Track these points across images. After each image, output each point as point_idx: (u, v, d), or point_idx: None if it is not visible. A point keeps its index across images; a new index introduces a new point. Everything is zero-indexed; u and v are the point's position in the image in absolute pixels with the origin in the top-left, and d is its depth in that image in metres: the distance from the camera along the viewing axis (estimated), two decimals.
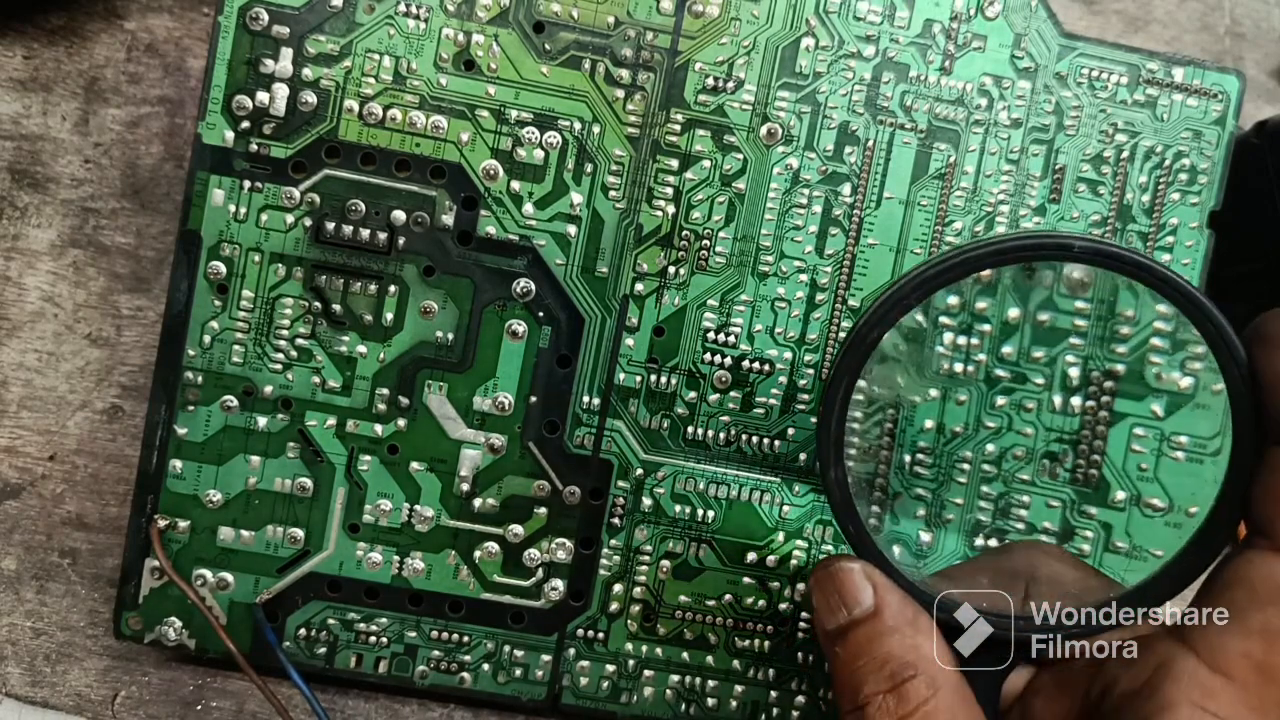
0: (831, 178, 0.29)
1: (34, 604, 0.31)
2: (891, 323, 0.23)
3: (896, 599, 0.23)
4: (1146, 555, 0.29)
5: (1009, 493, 0.29)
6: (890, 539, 0.29)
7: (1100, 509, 0.29)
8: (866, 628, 0.23)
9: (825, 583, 0.23)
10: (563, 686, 0.30)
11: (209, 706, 0.31)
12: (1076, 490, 0.29)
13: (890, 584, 0.23)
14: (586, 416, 0.29)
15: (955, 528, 0.29)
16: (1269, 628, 0.20)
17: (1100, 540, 0.29)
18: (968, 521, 0.29)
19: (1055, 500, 0.29)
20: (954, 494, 0.29)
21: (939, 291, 0.23)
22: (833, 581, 0.23)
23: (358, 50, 0.28)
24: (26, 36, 0.31)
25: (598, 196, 0.29)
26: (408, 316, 0.29)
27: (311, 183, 0.28)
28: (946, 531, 0.29)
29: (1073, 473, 0.29)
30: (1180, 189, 0.29)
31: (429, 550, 0.29)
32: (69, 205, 0.31)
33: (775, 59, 0.28)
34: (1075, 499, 0.29)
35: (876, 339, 0.23)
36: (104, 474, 0.31)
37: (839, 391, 0.23)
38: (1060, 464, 0.29)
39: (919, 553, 0.29)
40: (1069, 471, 0.29)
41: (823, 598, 0.23)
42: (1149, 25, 0.34)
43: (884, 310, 0.23)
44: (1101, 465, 0.29)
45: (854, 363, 0.23)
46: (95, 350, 0.31)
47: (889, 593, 0.23)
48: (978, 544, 0.29)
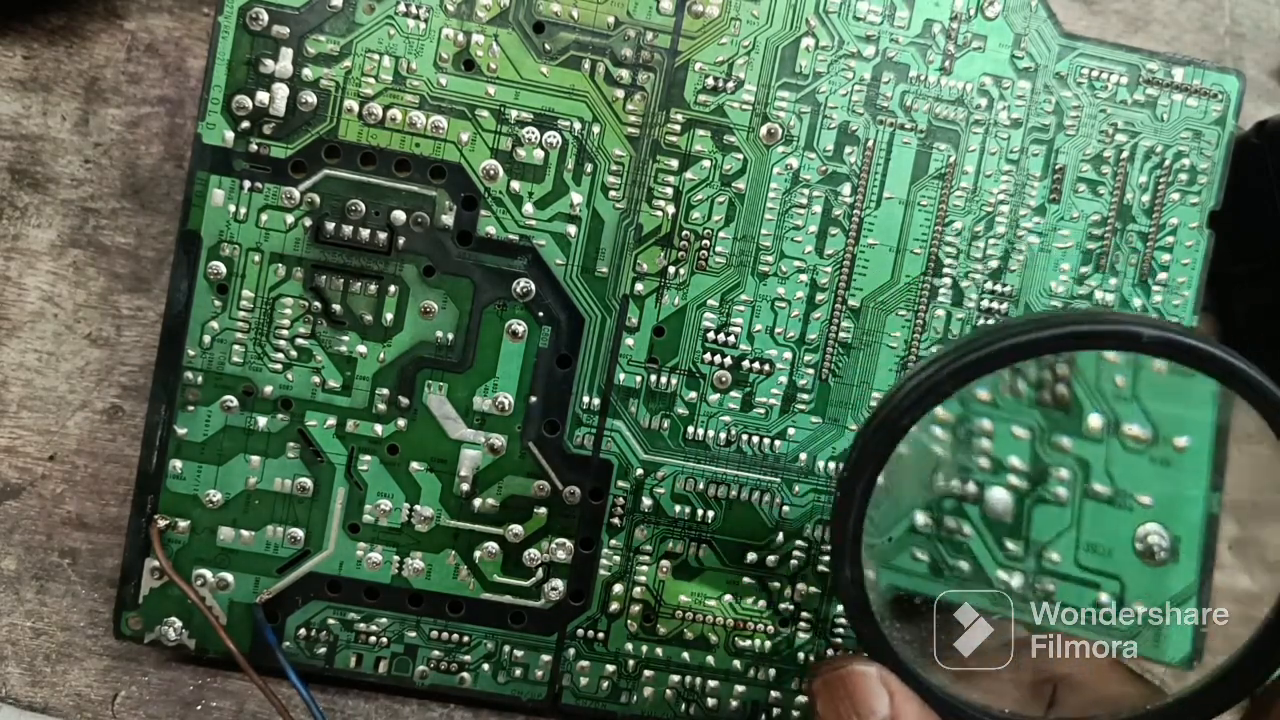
0: (831, 178, 0.29)
1: (34, 604, 0.31)
2: (925, 409, 0.20)
3: (914, 709, 0.21)
4: (1133, 504, 0.26)
5: (968, 416, 0.26)
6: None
7: (1075, 440, 0.26)
8: None
9: (835, 688, 0.21)
10: (563, 686, 0.30)
11: (209, 706, 0.31)
12: (1044, 414, 0.26)
13: (909, 692, 0.21)
14: (586, 416, 0.29)
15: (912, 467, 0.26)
16: None
17: (1078, 482, 0.26)
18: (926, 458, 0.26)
19: (1022, 428, 0.26)
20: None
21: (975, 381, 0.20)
22: (844, 687, 0.21)
23: (358, 50, 0.28)
24: (26, 36, 0.31)
25: (598, 196, 0.29)
26: (408, 316, 0.29)
27: (311, 183, 0.28)
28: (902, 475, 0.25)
29: (1038, 390, 0.26)
30: (1180, 189, 0.29)
31: (429, 550, 0.29)
32: (69, 205, 0.31)
33: (775, 59, 0.29)
34: (1044, 426, 0.26)
35: (907, 426, 0.20)
36: (104, 474, 0.31)
37: (858, 485, 0.21)
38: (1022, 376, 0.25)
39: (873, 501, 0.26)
40: (1034, 388, 0.26)
41: (830, 704, 0.21)
42: (1149, 25, 0.34)
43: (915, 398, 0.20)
44: (1071, 379, 0.26)
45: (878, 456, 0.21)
46: (95, 350, 0.31)
47: (908, 702, 0.21)
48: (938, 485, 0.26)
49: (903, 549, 0.25)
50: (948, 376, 0.20)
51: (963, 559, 0.26)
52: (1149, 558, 0.24)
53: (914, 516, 0.26)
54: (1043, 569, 0.25)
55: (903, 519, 0.26)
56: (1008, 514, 0.26)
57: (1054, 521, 0.26)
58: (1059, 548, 0.26)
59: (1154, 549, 0.25)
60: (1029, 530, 0.26)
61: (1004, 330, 0.20)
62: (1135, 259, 0.29)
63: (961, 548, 0.26)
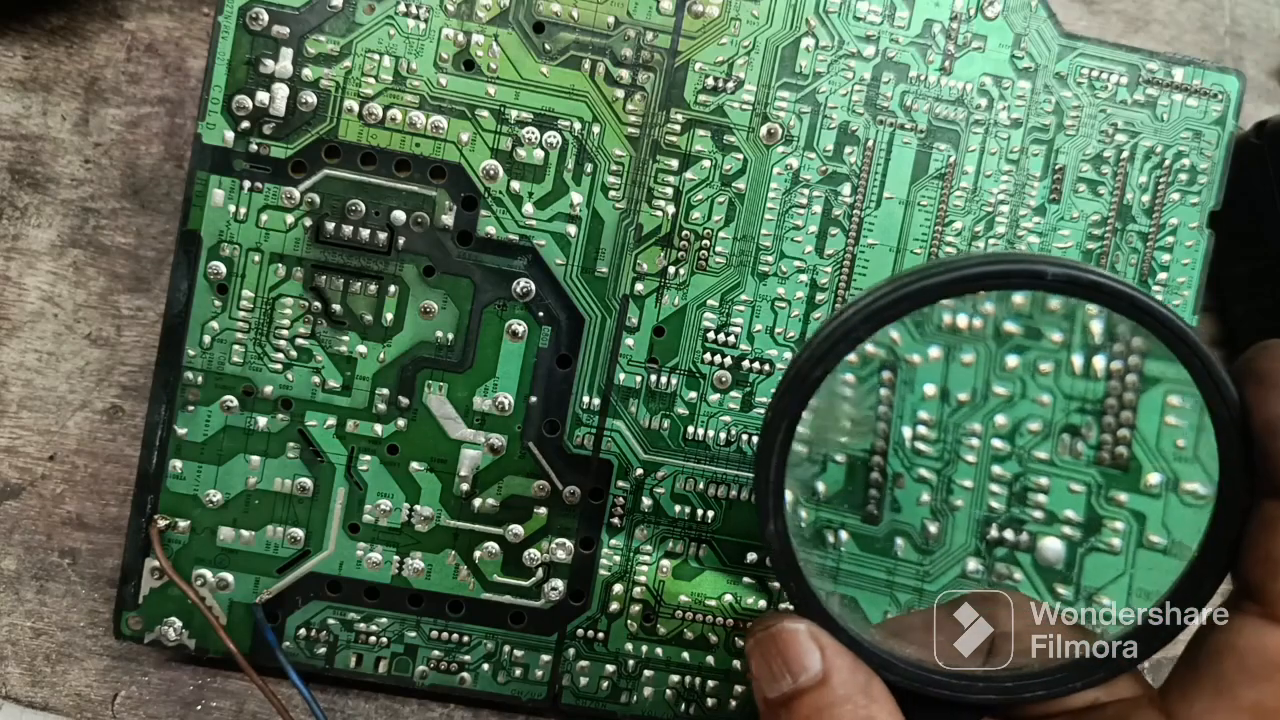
0: (831, 178, 0.29)
1: (34, 604, 0.31)
2: (838, 358, 0.20)
3: (847, 664, 0.20)
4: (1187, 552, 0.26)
5: (1025, 475, 0.26)
6: (891, 530, 0.27)
7: (1131, 494, 0.26)
8: (814, 696, 0.20)
9: (766, 645, 0.21)
10: (563, 686, 0.30)
11: (209, 706, 0.31)
12: (1103, 472, 0.26)
13: (840, 647, 0.21)
14: (586, 416, 0.29)
15: (965, 516, 0.26)
16: (1261, 705, 0.19)
17: (1133, 533, 0.26)
18: (979, 509, 0.26)
19: (1078, 484, 0.26)
20: (962, 475, 0.26)
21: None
22: (775, 645, 0.21)
23: (358, 50, 0.28)
24: (26, 36, 0.31)
25: (598, 196, 0.29)
26: (408, 316, 0.29)
27: (311, 183, 0.28)
28: (954, 522, 0.26)
29: (1098, 450, 0.26)
30: (1180, 189, 0.29)
31: (429, 550, 0.29)
32: (69, 205, 0.31)
33: (775, 59, 0.29)
34: (1102, 483, 0.26)
35: (820, 378, 0.20)
36: (104, 474, 0.31)
37: (777, 435, 0.20)
38: (1083, 439, 0.26)
39: (924, 546, 0.27)
40: (1093, 449, 0.26)
41: (763, 663, 0.21)
42: (1149, 25, 0.34)
43: (828, 345, 0.20)
44: (1131, 441, 0.26)
45: (794, 404, 0.20)
46: (95, 350, 0.31)
47: (839, 657, 0.20)
48: (991, 535, 0.26)
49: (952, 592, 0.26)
50: (859, 322, 0.20)
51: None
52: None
53: (965, 563, 0.26)
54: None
55: (954, 565, 0.26)
56: (1059, 562, 0.26)
57: (1107, 569, 0.26)
58: (1111, 593, 0.26)
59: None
60: (1080, 577, 0.26)
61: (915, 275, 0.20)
62: (1135, 259, 0.29)
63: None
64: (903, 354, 0.26)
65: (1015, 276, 0.20)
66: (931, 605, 0.24)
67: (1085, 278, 0.19)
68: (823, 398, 0.20)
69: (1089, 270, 0.19)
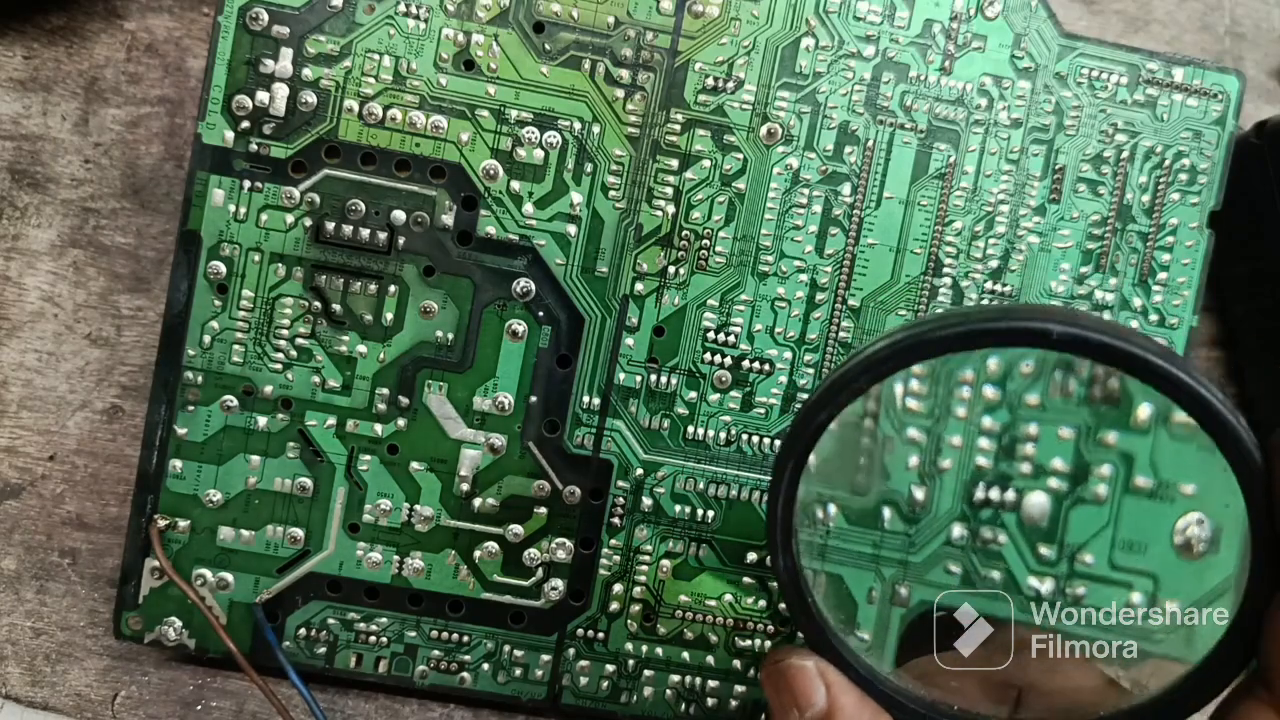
0: (831, 178, 0.29)
1: (34, 604, 0.31)
2: (839, 406, 0.21)
3: (853, 700, 0.21)
4: (1175, 495, 0.25)
5: (1014, 424, 0.25)
6: (880, 500, 0.26)
7: (1120, 433, 0.25)
8: None
9: (775, 680, 0.21)
10: (563, 686, 0.30)
11: (209, 706, 0.31)
12: (1093, 412, 0.25)
13: (846, 683, 0.21)
14: (586, 416, 0.29)
15: (952, 478, 0.26)
16: None
17: (1120, 478, 0.26)
18: (966, 469, 0.26)
19: (1068, 428, 0.25)
20: (951, 431, 0.26)
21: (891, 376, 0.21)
22: (783, 679, 0.21)
23: (358, 50, 0.28)
24: (26, 36, 0.31)
25: (598, 196, 0.29)
26: (408, 316, 0.29)
27: (311, 183, 0.28)
28: (941, 485, 0.26)
29: (1089, 387, 0.25)
30: (1180, 189, 0.29)
31: (429, 550, 0.29)
32: (69, 205, 0.31)
33: (775, 59, 0.29)
34: (1091, 423, 0.25)
35: (825, 423, 0.21)
36: (104, 474, 0.31)
37: (785, 476, 0.21)
38: (1075, 375, 0.25)
39: (910, 515, 0.26)
40: (1085, 385, 0.25)
41: (774, 694, 0.22)
42: (1149, 25, 0.34)
43: (831, 394, 0.21)
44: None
45: (801, 449, 0.21)
46: (95, 350, 0.31)
47: (845, 694, 0.21)
48: (977, 497, 0.26)
49: (937, 563, 0.25)
50: (860, 373, 0.20)
51: (994, 568, 0.25)
52: (1187, 551, 0.24)
53: (951, 529, 0.26)
54: (1075, 572, 0.25)
55: (940, 533, 0.26)
56: (1044, 518, 0.26)
57: (1091, 522, 0.26)
58: (1093, 549, 0.26)
59: (1193, 541, 0.24)
60: (1064, 533, 0.26)
61: (918, 327, 0.20)
62: (1135, 259, 0.29)
63: (994, 556, 0.26)
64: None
65: (1016, 334, 0.20)
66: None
67: (1095, 339, 0.19)
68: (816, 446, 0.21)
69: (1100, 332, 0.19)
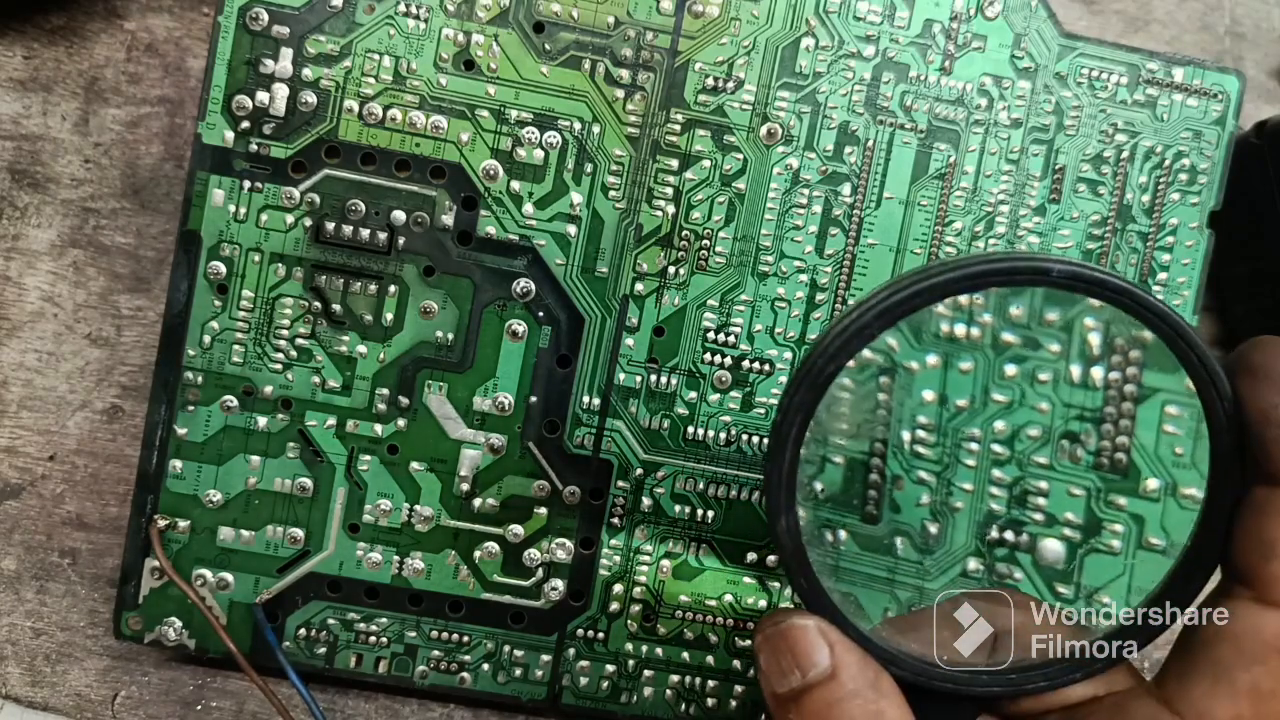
0: (831, 178, 0.29)
1: (34, 604, 0.31)
2: (851, 354, 0.20)
3: (856, 659, 0.20)
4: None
5: (1024, 478, 0.26)
6: (892, 530, 0.27)
7: (1130, 499, 0.26)
8: (823, 691, 0.20)
9: (775, 641, 0.21)
10: (563, 686, 0.30)
11: (209, 706, 0.31)
12: (1102, 477, 0.26)
13: (849, 642, 0.21)
14: (586, 416, 0.29)
15: (965, 518, 0.27)
16: (1258, 688, 0.19)
17: (1132, 535, 0.27)
18: (979, 510, 0.27)
19: (1078, 488, 0.26)
20: (961, 478, 0.26)
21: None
22: (784, 640, 0.21)
23: (358, 50, 0.28)
24: (26, 36, 0.31)
25: (598, 196, 0.29)
26: (408, 316, 0.29)
27: (311, 183, 0.28)
28: (954, 522, 0.27)
29: (1097, 456, 0.26)
30: (1180, 189, 0.29)
31: (429, 550, 0.29)
32: (69, 205, 0.31)
33: (775, 59, 0.29)
34: (1101, 487, 0.26)
35: (833, 374, 0.20)
36: (104, 474, 0.31)
37: (790, 431, 0.20)
38: (1082, 445, 0.26)
39: (924, 547, 0.27)
40: (1092, 455, 0.26)
41: (772, 658, 0.21)
42: (1149, 25, 0.34)
43: (842, 341, 0.20)
44: (1130, 448, 0.26)
45: (808, 400, 0.20)
46: (95, 350, 0.31)
47: (848, 653, 0.20)
48: (991, 536, 0.27)
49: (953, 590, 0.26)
50: (873, 319, 0.20)
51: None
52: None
53: (965, 563, 0.27)
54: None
55: (954, 565, 0.26)
56: (1059, 562, 0.26)
57: (1106, 569, 0.27)
58: (1111, 592, 0.27)
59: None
60: (1080, 576, 0.27)
61: (925, 273, 0.20)
62: (1135, 259, 0.29)
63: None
64: (900, 361, 0.26)
65: (1020, 273, 0.20)
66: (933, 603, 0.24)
67: (1088, 274, 0.20)
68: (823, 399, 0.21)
69: (1091, 267, 0.20)
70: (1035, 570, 0.27)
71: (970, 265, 0.20)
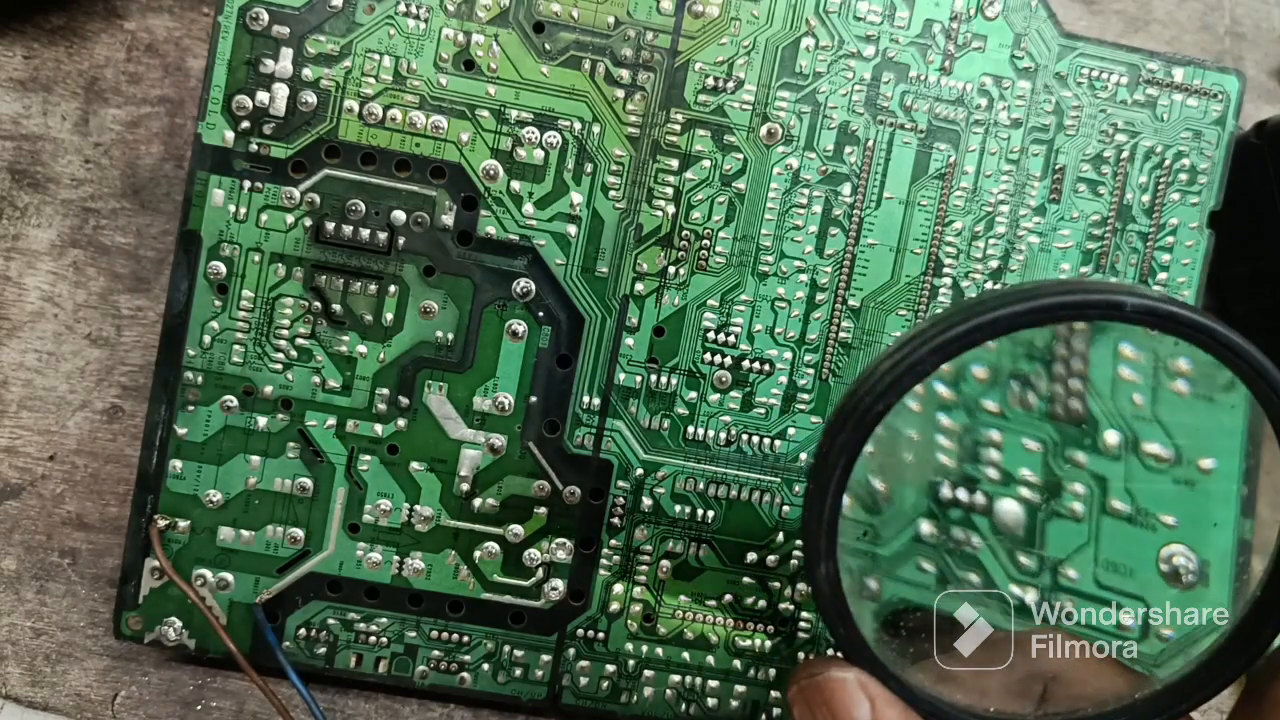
0: (831, 178, 0.29)
1: (34, 604, 0.31)
2: (902, 392, 0.19)
3: (897, 714, 0.20)
4: (1155, 524, 0.24)
5: (975, 426, 0.24)
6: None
7: (1090, 455, 0.24)
8: None
9: (810, 694, 0.20)
10: (563, 686, 0.30)
11: (209, 706, 0.31)
12: (1058, 429, 0.25)
13: (890, 696, 0.20)
14: (586, 416, 0.29)
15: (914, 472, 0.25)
16: None
17: (1095, 498, 0.25)
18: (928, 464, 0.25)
19: (1033, 440, 0.25)
20: (908, 425, 0.24)
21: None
22: (819, 694, 0.20)
23: (358, 50, 0.28)
24: (26, 36, 0.31)
25: (598, 196, 0.29)
26: (408, 316, 0.29)
27: (311, 183, 0.28)
28: (903, 480, 0.25)
29: (1050, 403, 0.24)
30: (1180, 189, 0.29)
31: (429, 550, 0.29)
32: (69, 205, 0.31)
33: (775, 59, 0.29)
34: (1058, 439, 0.25)
35: (882, 413, 0.19)
36: (104, 474, 0.31)
37: (834, 474, 0.19)
38: (1033, 389, 0.24)
39: (871, 506, 0.25)
40: (1046, 401, 0.24)
41: (807, 712, 0.20)
42: (1149, 25, 0.34)
43: (892, 379, 0.19)
44: (1085, 394, 0.25)
45: (853, 440, 0.19)
46: (95, 350, 0.31)
47: (889, 707, 0.20)
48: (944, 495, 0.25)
49: (907, 559, 0.25)
50: (927, 354, 0.18)
51: (972, 572, 0.25)
52: (1175, 580, 0.24)
53: (918, 525, 0.25)
54: (1059, 585, 0.25)
55: (906, 528, 0.25)
56: (1019, 527, 0.25)
57: (1070, 537, 0.25)
58: (1076, 564, 0.25)
59: (1180, 571, 0.24)
60: (1043, 545, 0.25)
61: (983, 304, 0.19)
62: (1135, 259, 0.29)
63: (971, 560, 0.25)
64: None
65: (1092, 307, 0.19)
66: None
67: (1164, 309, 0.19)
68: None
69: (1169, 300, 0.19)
70: (995, 537, 0.26)
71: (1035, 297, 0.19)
